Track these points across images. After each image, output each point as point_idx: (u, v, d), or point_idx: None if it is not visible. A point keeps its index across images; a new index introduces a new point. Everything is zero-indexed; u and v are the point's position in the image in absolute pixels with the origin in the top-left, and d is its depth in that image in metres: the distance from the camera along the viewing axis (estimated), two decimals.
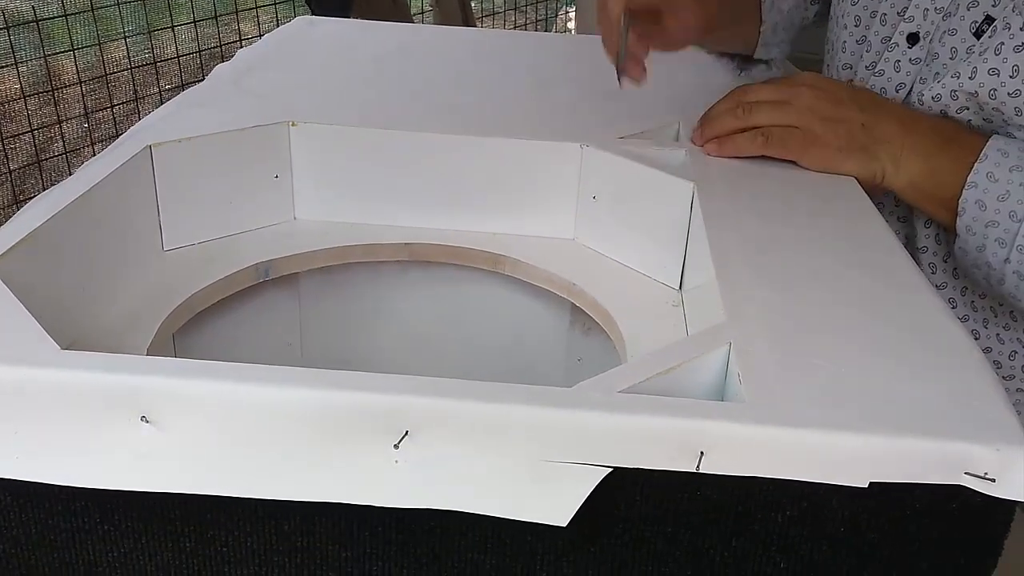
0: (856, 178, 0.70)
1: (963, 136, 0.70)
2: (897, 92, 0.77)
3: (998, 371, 0.76)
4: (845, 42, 0.84)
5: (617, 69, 0.77)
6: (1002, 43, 0.69)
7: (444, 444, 0.43)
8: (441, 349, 0.85)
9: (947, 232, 0.76)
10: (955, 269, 0.77)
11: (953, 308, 0.77)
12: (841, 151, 0.70)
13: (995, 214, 0.66)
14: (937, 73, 0.74)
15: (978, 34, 0.72)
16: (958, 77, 0.71)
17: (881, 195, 0.74)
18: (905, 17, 0.76)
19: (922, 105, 0.74)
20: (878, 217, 0.65)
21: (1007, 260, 0.67)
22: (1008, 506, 0.43)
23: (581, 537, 0.45)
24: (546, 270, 0.73)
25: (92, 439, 0.44)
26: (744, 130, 0.72)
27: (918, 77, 0.75)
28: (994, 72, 0.68)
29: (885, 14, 0.78)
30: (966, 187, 0.68)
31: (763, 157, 0.72)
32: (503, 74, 0.93)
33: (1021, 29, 0.68)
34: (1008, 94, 0.68)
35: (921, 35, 0.76)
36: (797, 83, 0.74)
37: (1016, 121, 0.70)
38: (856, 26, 0.82)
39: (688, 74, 0.95)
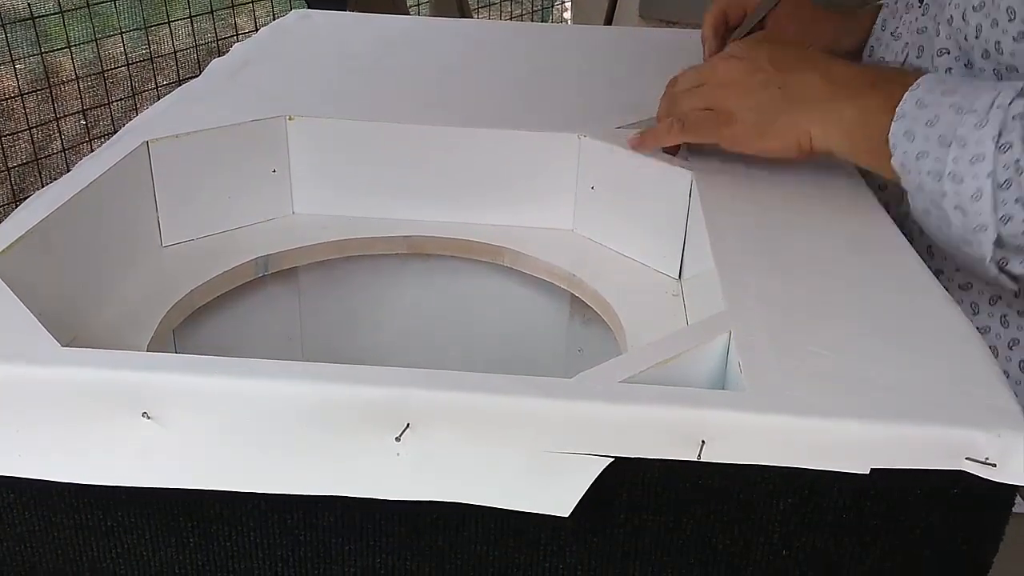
0: (782, 153, 0.65)
1: (896, 75, 0.62)
2: (902, 54, 0.71)
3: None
4: (880, 14, 0.78)
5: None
6: None
7: (446, 436, 0.43)
8: (441, 341, 0.85)
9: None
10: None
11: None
12: (756, 126, 0.64)
13: (924, 142, 0.57)
14: (949, 18, 0.66)
15: None
16: (951, 22, 0.65)
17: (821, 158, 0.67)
18: None
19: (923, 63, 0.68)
20: (877, 205, 0.65)
21: (944, 194, 0.57)
22: (1009, 491, 0.43)
23: (584, 527, 0.45)
24: (546, 261, 0.73)
25: (94, 436, 0.44)
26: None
27: (936, 25, 0.67)
28: (980, 6, 0.62)
29: None
30: (894, 119, 0.59)
31: None
32: (500, 66, 0.92)
33: None
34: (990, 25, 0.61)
35: None
36: (718, 58, 0.68)
37: (982, 63, 0.62)
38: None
39: (684, 63, 0.94)
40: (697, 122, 0.67)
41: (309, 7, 1.91)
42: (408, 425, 0.43)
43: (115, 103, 2.38)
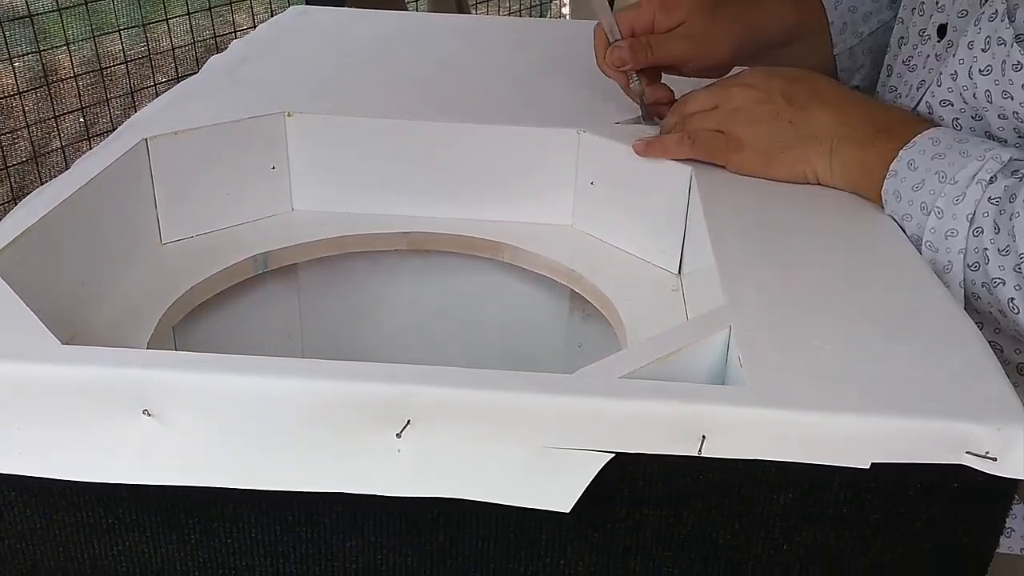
0: (788, 181, 0.66)
1: (900, 126, 0.63)
2: (918, 91, 0.70)
3: None
4: (890, 43, 0.77)
5: (643, 117, 0.76)
6: (988, 36, 0.62)
7: (446, 432, 0.43)
8: (441, 338, 0.85)
9: None
10: None
11: None
12: (764, 155, 0.66)
13: (908, 206, 0.60)
14: (953, 73, 0.65)
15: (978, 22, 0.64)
16: (955, 78, 0.64)
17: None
18: (939, 6, 0.69)
19: (931, 112, 0.67)
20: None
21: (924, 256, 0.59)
22: (1009, 484, 0.43)
23: (584, 523, 0.45)
24: (545, 257, 0.73)
25: (94, 433, 0.44)
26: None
27: (937, 75, 0.67)
28: (987, 70, 0.62)
29: (923, 2, 0.72)
30: (887, 176, 0.61)
31: None
32: (499, 61, 0.92)
33: (998, 19, 0.61)
34: (985, 93, 0.62)
35: (948, 26, 0.68)
36: (731, 84, 0.69)
37: (999, 132, 0.62)
38: (900, 24, 0.76)
39: None
40: (707, 142, 0.68)
41: (307, 3, 1.91)
42: (409, 422, 0.43)
43: (114, 100, 2.38)
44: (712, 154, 0.68)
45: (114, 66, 2.38)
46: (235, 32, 2.58)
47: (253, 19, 2.67)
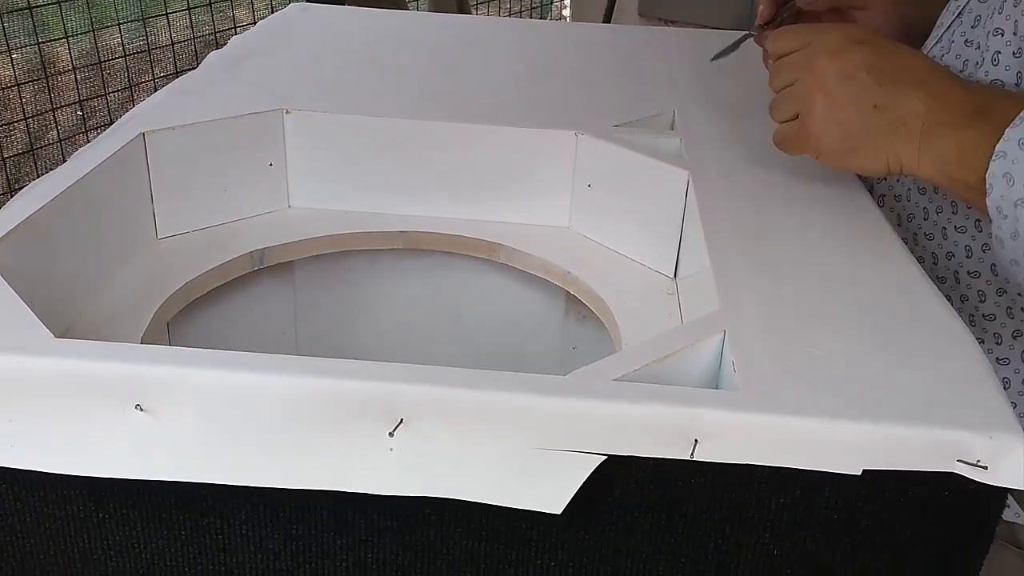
0: (869, 172, 0.62)
1: (998, 104, 0.56)
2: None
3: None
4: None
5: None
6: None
7: (439, 432, 0.43)
8: (436, 337, 0.85)
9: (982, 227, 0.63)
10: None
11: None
12: (844, 144, 0.61)
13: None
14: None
15: None
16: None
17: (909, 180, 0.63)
18: None
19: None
20: (873, 206, 0.65)
21: None
22: (1000, 493, 0.43)
23: (575, 524, 0.45)
24: (541, 258, 0.73)
25: (87, 427, 0.44)
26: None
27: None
28: (998, 32, 0.58)
29: None
30: (993, 158, 0.54)
31: (757, 144, 0.72)
32: (498, 62, 0.92)
33: None
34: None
35: None
36: (818, 48, 0.62)
37: None
38: None
39: (682, 62, 0.94)
40: (785, 139, 0.65)
41: (308, 1, 1.90)
42: (401, 420, 0.43)
43: (112, 94, 2.37)
44: (791, 150, 0.65)
45: (113, 60, 2.38)
46: (235, 28, 2.58)
47: (253, 15, 2.67)
